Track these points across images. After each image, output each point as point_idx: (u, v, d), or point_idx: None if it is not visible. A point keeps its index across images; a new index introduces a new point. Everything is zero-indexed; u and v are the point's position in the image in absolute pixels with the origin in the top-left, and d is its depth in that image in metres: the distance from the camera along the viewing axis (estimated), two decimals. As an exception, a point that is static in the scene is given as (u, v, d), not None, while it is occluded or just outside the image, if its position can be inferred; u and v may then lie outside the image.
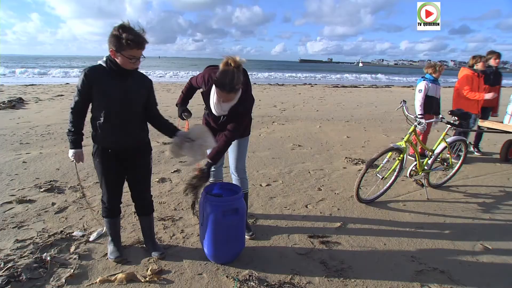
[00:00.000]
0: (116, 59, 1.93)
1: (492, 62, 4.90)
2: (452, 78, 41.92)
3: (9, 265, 2.14)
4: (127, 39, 1.84)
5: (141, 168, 2.24)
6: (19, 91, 11.88)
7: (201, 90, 2.40)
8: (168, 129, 2.23)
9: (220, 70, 2.06)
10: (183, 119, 2.52)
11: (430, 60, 5.15)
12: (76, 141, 2.06)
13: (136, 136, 2.15)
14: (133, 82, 2.04)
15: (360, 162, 4.69)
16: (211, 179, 2.73)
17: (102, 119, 2.00)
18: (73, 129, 2.04)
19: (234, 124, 2.25)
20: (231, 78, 2.00)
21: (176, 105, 2.61)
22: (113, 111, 2.00)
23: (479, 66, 4.69)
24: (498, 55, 4.87)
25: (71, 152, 2.08)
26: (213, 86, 2.20)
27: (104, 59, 1.98)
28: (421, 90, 4.49)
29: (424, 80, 4.55)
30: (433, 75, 4.57)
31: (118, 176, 2.20)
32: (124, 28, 1.85)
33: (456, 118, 3.63)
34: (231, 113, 2.25)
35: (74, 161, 2.10)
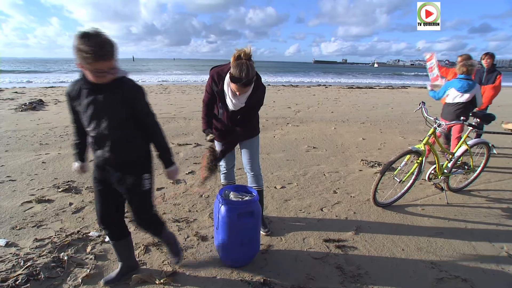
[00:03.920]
0: (84, 73, 1.65)
1: None
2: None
3: (29, 263, 2.19)
4: (86, 51, 1.51)
5: (124, 189, 1.89)
6: (40, 93, 12.27)
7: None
8: (161, 158, 1.94)
9: (234, 65, 2.04)
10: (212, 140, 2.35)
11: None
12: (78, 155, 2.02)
13: (117, 155, 1.81)
14: (106, 95, 1.70)
15: (376, 165, 4.60)
16: (223, 182, 2.72)
17: (87, 135, 1.84)
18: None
19: (250, 113, 2.35)
20: (246, 71, 2.00)
21: (203, 131, 2.43)
22: (87, 128, 1.79)
23: None
24: None
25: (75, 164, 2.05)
26: (226, 83, 2.20)
27: None
28: None
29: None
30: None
31: (105, 195, 1.93)
32: (82, 37, 1.52)
33: (478, 120, 3.50)
34: (249, 103, 2.25)
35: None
